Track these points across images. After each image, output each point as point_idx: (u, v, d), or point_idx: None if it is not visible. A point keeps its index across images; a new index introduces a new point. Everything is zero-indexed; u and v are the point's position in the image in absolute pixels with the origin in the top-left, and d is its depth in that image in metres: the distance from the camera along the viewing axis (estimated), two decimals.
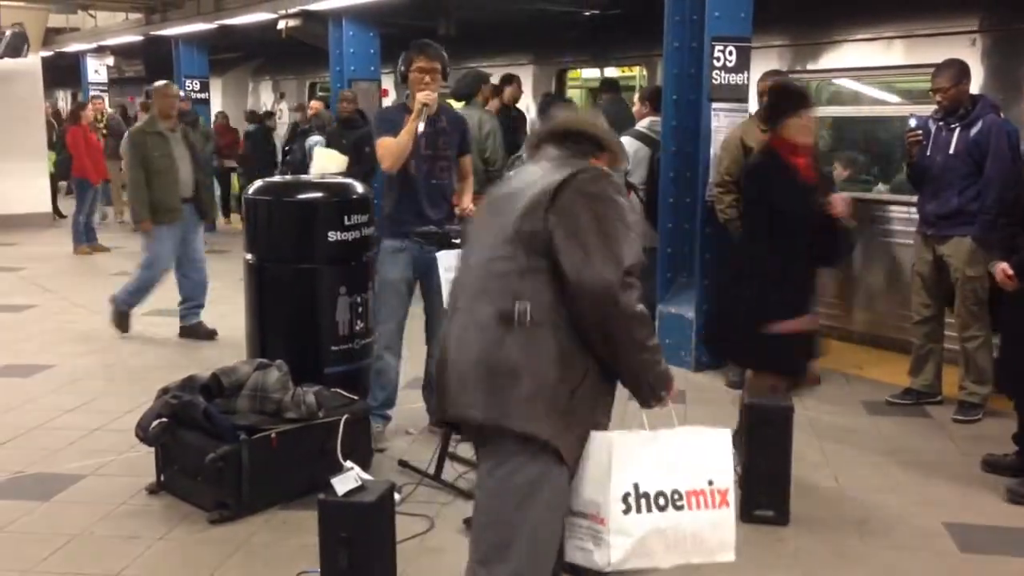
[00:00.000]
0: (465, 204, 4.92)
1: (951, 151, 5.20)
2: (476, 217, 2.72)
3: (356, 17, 10.07)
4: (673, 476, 2.49)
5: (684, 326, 6.33)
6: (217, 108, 15.13)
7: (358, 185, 5.06)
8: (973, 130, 5.15)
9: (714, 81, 6.12)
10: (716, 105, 6.17)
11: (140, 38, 14.76)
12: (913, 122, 5.47)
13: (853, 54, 7.14)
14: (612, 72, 10.49)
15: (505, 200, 2.54)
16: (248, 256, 4.92)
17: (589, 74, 11.35)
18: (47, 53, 16.10)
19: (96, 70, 17.02)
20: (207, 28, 12.66)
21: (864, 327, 6.87)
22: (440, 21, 10.51)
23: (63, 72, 17.88)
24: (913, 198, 5.76)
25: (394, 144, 4.62)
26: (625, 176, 6.52)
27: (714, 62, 6.09)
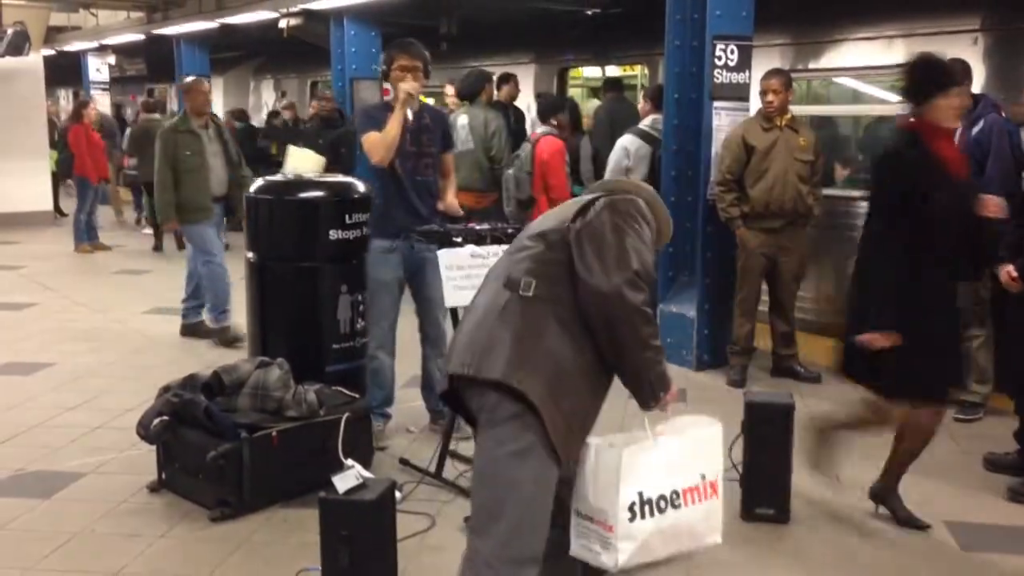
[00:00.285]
0: (449, 200, 4.91)
1: None
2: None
3: (357, 16, 10.07)
4: (672, 477, 2.62)
5: (685, 325, 6.33)
6: (218, 107, 15.11)
7: (359, 183, 5.06)
8: (974, 129, 5.15)
9: (715, 80, 6.12)
10: (717, 104, 6.18)
11: (141, 37, 14.76)
12: None
13: (854, 53, 7.13)
14: (614, 71, 10.49)
15: (551, 213, 2.80)
16: (249, 254, 4.92)
17: (590, 73, 11.35)
18: (49, 52, 16.11)
19: (97, 69, 17.02)
20: (208, 27, 12.65)
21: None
22: (441, 20, 10.50)
23: (65, 71, 17.88)
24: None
25: (382, 136, 4.62)
26: (626, 173, 6.53)
27: (715, 61, 6.09)
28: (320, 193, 4.90)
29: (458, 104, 7.85)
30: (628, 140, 6.77)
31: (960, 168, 3.81)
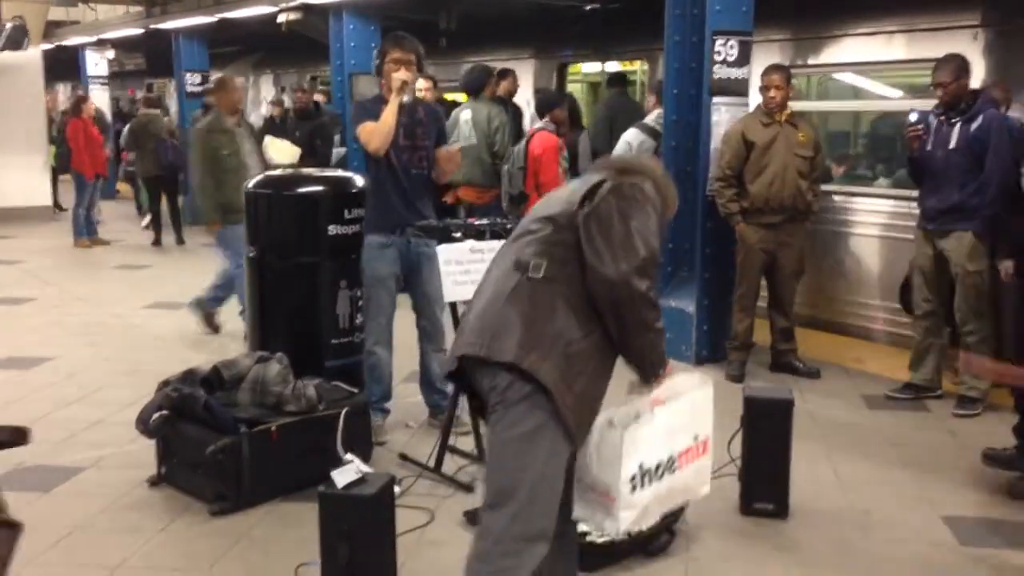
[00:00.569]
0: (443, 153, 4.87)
1: (952, 146, 5.20)
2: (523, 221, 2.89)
3: (356, 10, 10.05)
4: (669, 443, 2.77)
5: (685, 320, 6.33)
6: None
7: (358, 178, 5.06)
8: (973, 125, 5.15)
9: (715, 75, 6.11)
10: (717, 99, 6.16)
11: (140, 31, 14.74)
12: (914, 117, 5.47)
13: (854, 49, 7.13)
14: (613, 66, 10.48)
15: (544, 201, 2.82)
16: (248, 250, 4.92)
17: (590, 68, 11.34)
18: (48, 46, 16.08)
19: (96, 63, 16.98)
20: (207, 21, 12.65)
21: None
22: (441, 15, 10.50)
23: (64, 65, 17.85)
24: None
25: (378, 125, 4.62)
26: None
27: (715, 56, 6.08)
28: (319, 188, 4.90)
29: (431, 95, 7.89)
30: (632, 135, 6.77)
31: None
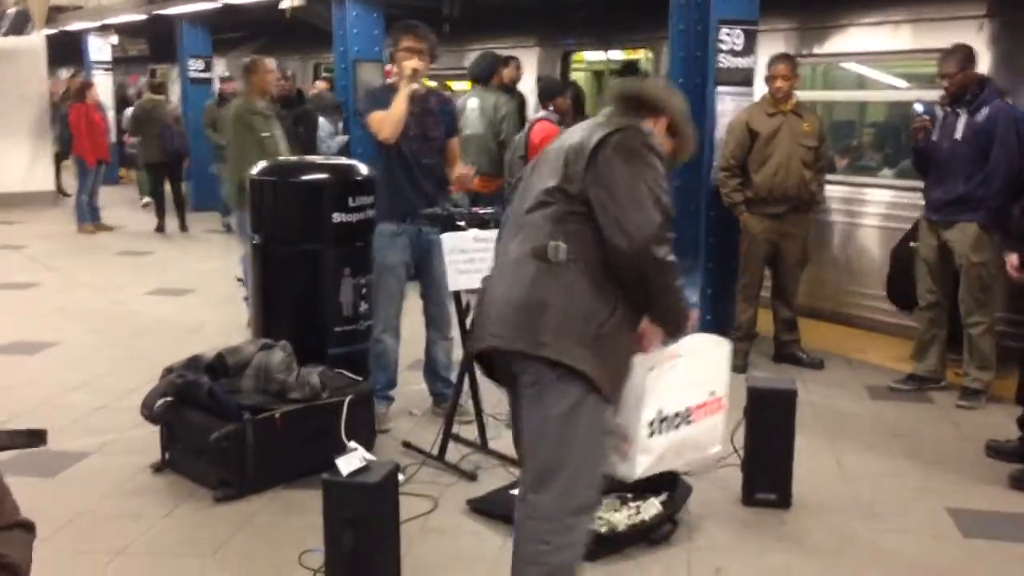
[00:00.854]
0: (458, 171, 4.88)
1: (958, 137, 5.19)
2: (527, 172, 2.85)
3: None
4: (686, 394, 2.90)
5: None
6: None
7: (362, 167, 5.05)
8: (979, 116, 5.14)
9: (720, 65, 6.09)
10: (722, 89, 6.14)
11: (143, 17, 14.69)
12: (919, 108, 5.46)
13: (860, 38, 7.11)
14: (617, 55, 10.44)
15: (553, 154, 2.72)
16: (253, 237, 4.92)
17: (593, 57, 11.30)
18: (50, 31, 16.05)
19: (99, 49, 16.94)
20: (211, 7, 12.60)
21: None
22: (444, 1, 10.46)
23: (66, 51, 17.81)
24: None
25: (388, 113, 4.61)
26: None
27: (720, 45, 6.06)
28: (323, 176, 4.89)
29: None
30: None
31: None
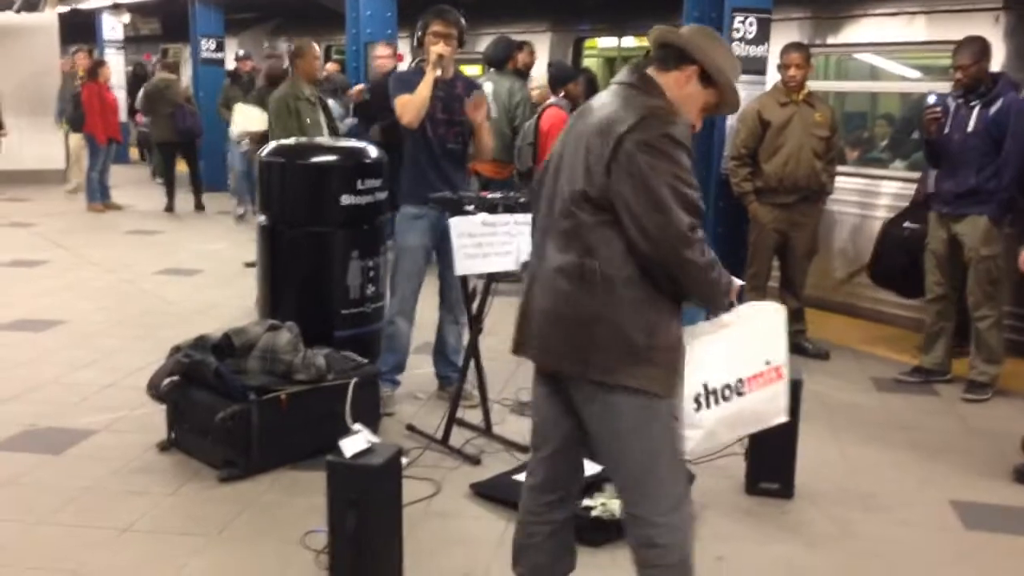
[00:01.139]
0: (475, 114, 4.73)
1: (970, 129, 5.16)
2: (553, 160, 2.70)
3: None
4: (736, 366, 2.80)
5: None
6: (231, 68, 15.04)
7: (372, 149, 5.05)
8: (993, 108, 5.11)
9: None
10: None
11: None
12: (932, 99, 5.42)
13: (874, 28, 7.06)
14: (630, 42, 10.39)
15: (572, 147, 2.59)
16: (261, 218, 4.93)
17: (606, 43, 11.24)
18: (64, 9, 16.05)
19: (112, 27, 16.94)
20: None
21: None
22: None
23: (79, 29, 17.81)
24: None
25: (413, 97, 4.61)
26: None
27: (733, 34, 6.04)
28: (332, 158, 4.89)
29: (390, 63, 7.93)
30: None
31: None
